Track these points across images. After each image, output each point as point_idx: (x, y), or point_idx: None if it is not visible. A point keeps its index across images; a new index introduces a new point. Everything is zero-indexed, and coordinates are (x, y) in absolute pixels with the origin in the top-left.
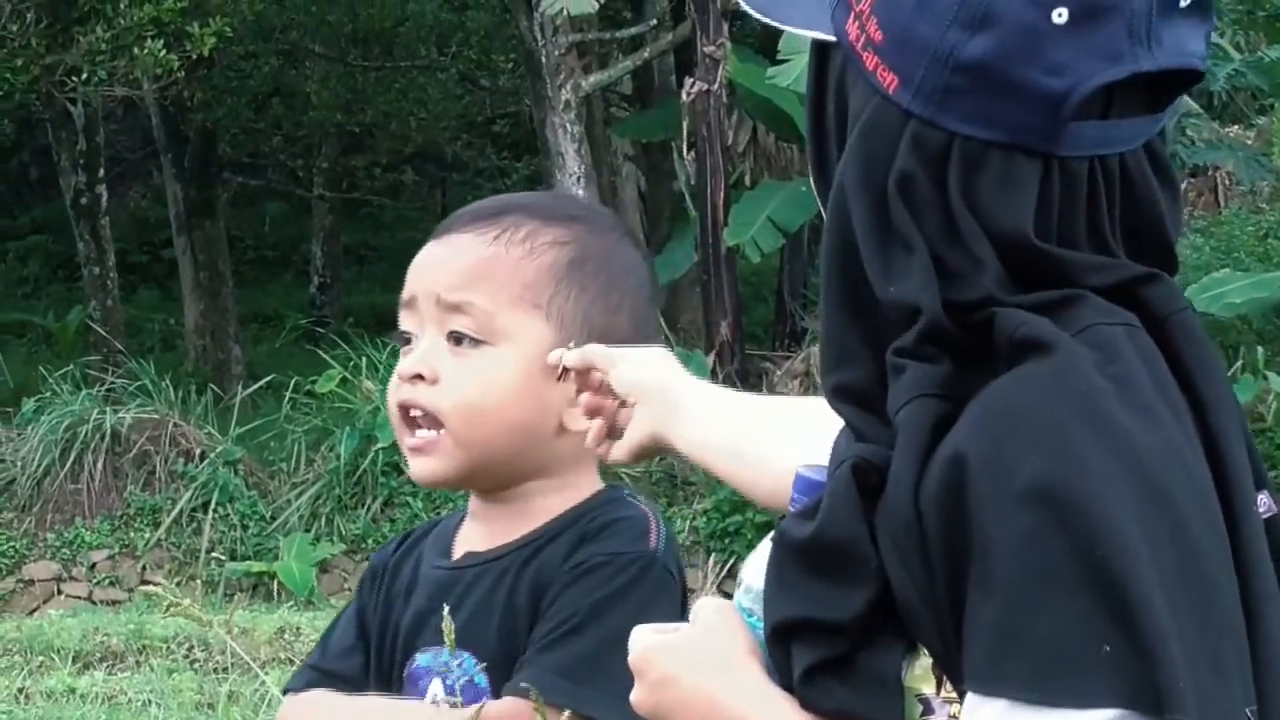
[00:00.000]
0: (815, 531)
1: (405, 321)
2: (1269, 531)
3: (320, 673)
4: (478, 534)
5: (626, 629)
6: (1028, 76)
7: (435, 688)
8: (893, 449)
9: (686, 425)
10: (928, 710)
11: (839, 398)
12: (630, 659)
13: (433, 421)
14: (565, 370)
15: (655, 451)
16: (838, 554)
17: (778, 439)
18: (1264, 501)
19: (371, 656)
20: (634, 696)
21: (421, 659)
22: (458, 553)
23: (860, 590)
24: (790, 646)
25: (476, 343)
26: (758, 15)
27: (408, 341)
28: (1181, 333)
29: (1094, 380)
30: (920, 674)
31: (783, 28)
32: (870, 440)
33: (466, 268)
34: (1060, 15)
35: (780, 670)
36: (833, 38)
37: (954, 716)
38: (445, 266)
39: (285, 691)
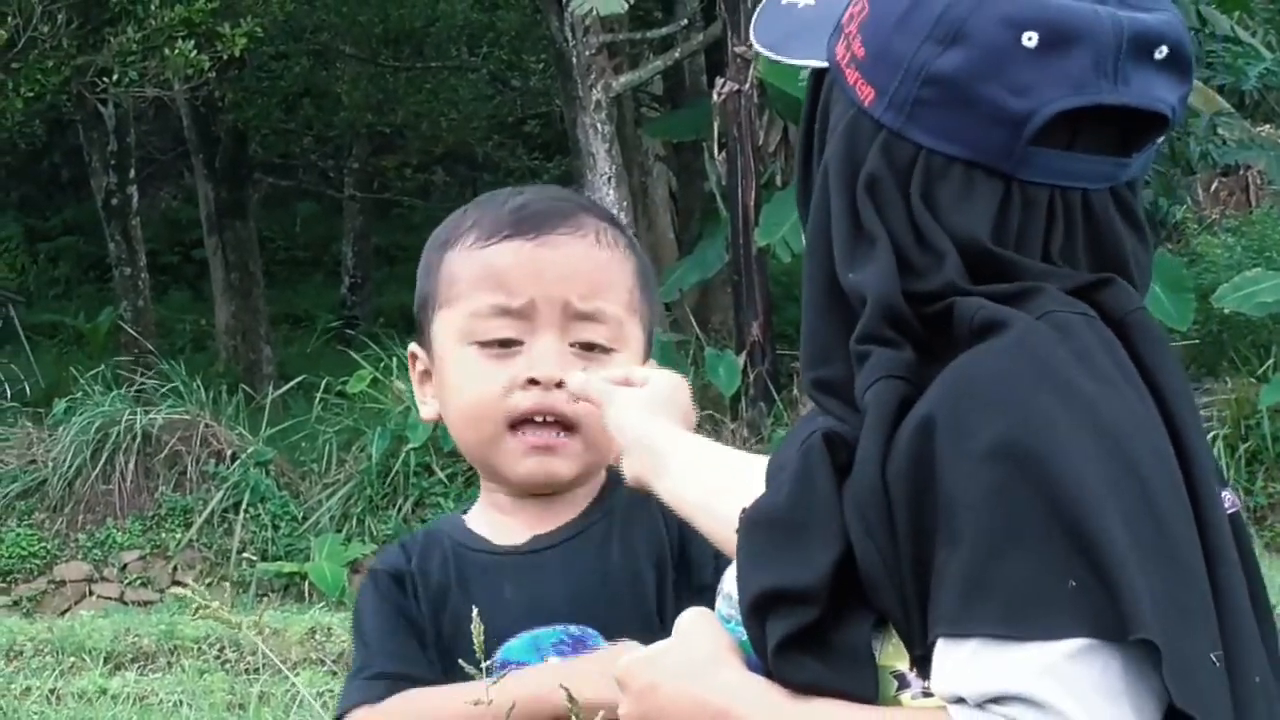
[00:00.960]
0: (784, 500)
1: (511, 329)
2: (1232, 526)
3: (394, 678)
4: (523, 520)
5: None
6: (993, 94)
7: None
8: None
9: (665, 479)
10: (903, 685)
11: (820, 390)
12: (615, 675)
13: (563, 428)
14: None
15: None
16: (805, 519)
17: (748, 497)
18: (1228, 498)
19: (431, 658)
20: (621, 711)
21: (516, 644)
22: (507, 540)
23: (826, 552)
24: (764, 621)
25: (605, 351)
26: (768, 54)
27: (505, 345)
28: (1138, 331)
29: (1054, 350)
30: (893, 650)
31: (789, 63)
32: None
33: (591, 273)
34: (1030, 39)
35: (757, 650)
36: (824, 63)
37: (929, 691)
38: (573, 273)
39: (353, 707)
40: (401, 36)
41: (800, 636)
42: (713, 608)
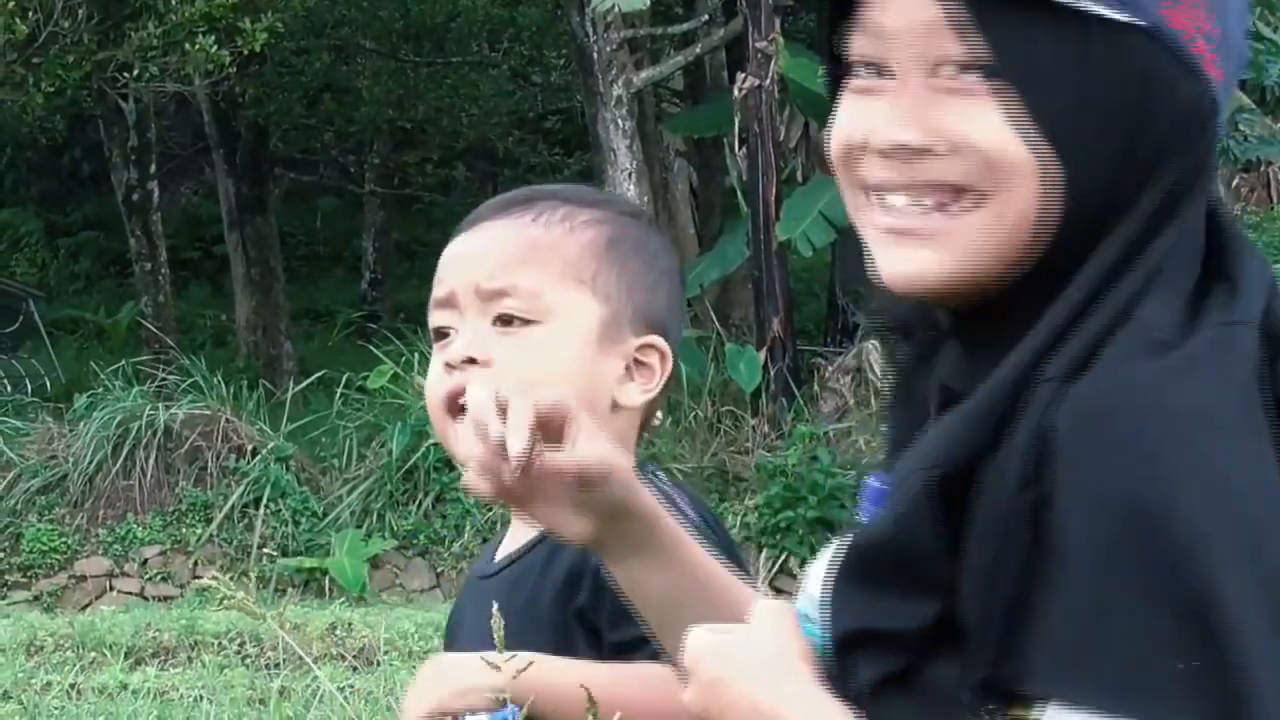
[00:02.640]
0: (886, 540)
1: (441, 319)
2: None
3: None
4: (515, 533)
5: None
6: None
7: None
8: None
9: (619, 566)
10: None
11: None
12: (685, 659)
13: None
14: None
15: None
16: (908, 563)
17: (701, 614)
18: None
19: None
20: (686, 696)
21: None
22: (499, 556)
23: (930, 601)
24: (856, 658)
25: (527, 322)
26: None
27: (444, 337)
28: None
29: (1212, 391)
30: None
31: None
32: None
33: (506, 252)
34: None
35: (842, 681)
36: (1126, 16)
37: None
38: (484, 254)
39: None
40: (422, 32)
41: (895, 677)
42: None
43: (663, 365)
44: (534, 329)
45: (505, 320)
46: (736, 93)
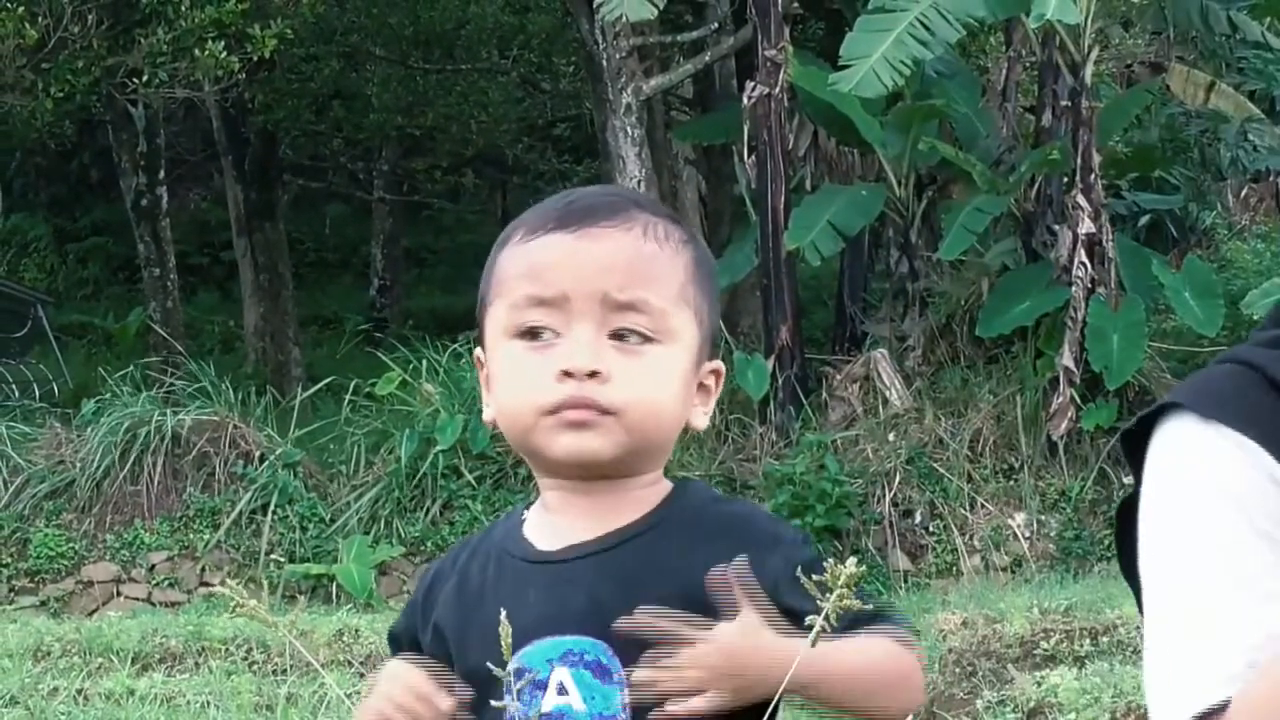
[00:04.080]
0: None
1: (541, 318)
2: None
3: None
4: (568, 525)
5: None
6: None
7: (560, 674)
8: None
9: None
10: None
11: None
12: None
13: (605, 412)
14: None
15: None
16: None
17: None
18: None
19: (456, 662)
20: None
21: (531, 651)
22: (547, 545)
23: None
24: None
25: (645, 340)
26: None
27: (534, 336)
28: None
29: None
30: None
31: None
32: None
33: (631, 264)
34: None
35: None
36: None
37: None
38: (608, 262)
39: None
40: (432, 39)
41: None
42: None
43: (718, 384)
44: (654, 348)
45: (620, 335)
46: (745, 101)
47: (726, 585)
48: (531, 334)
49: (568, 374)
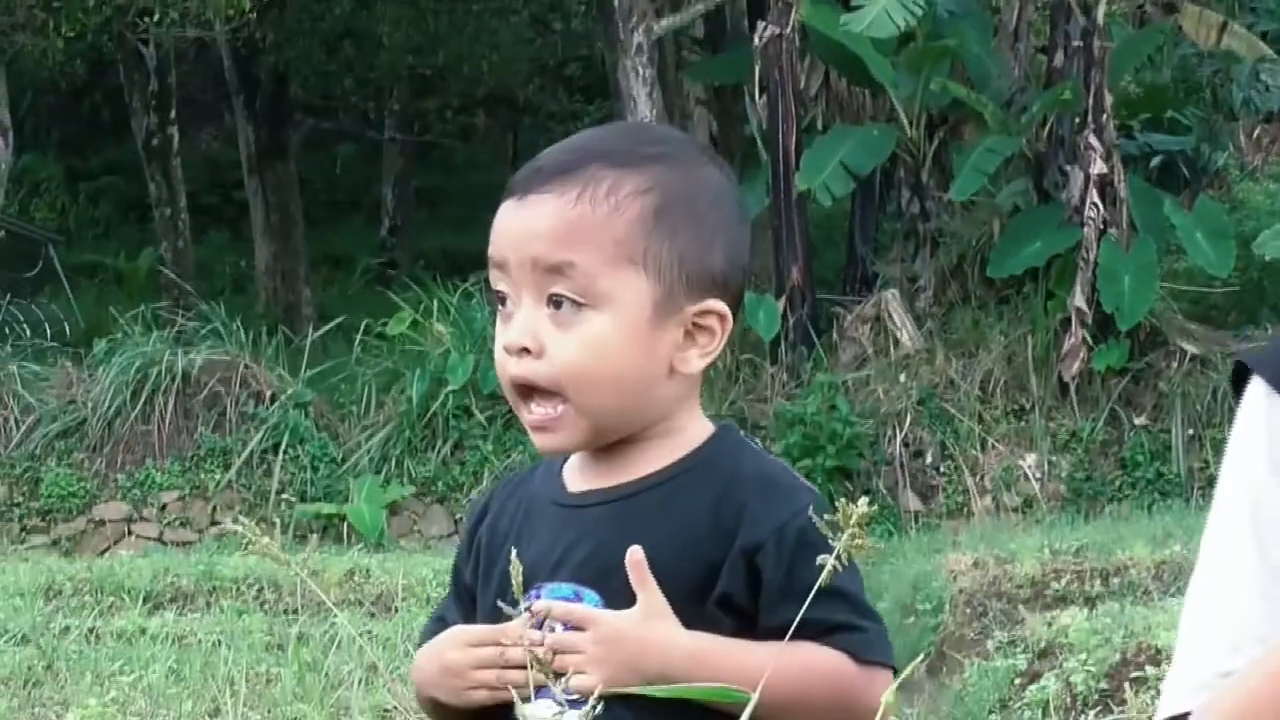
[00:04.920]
0: None
1: (498, 281)
2: None
3: (439, 622)
4: (594, 470)
5: (859, 576)
6: None
7: (545, 604)
8: None
9: None
10: None
11: None
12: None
13: (550, 395)
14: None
15: None
16: None
17: None
18: None
19: (479, 599)
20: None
21: (539, 594)
22: (576, 488)
23: None
24: None
25: (578, 306)
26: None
27: (503, 301)
28: None
29: None
30: None
31: None
32: None
33: (556, 230)
34: None
35: None
36: None
37: None
38: (533, 228)
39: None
40: None
41: None
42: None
43: (722, 325)
44: (587, 314)
45: (556, 303)
46: (757, 41)
47: (636, 570)
48: (501, 299)
49: (508, 351)
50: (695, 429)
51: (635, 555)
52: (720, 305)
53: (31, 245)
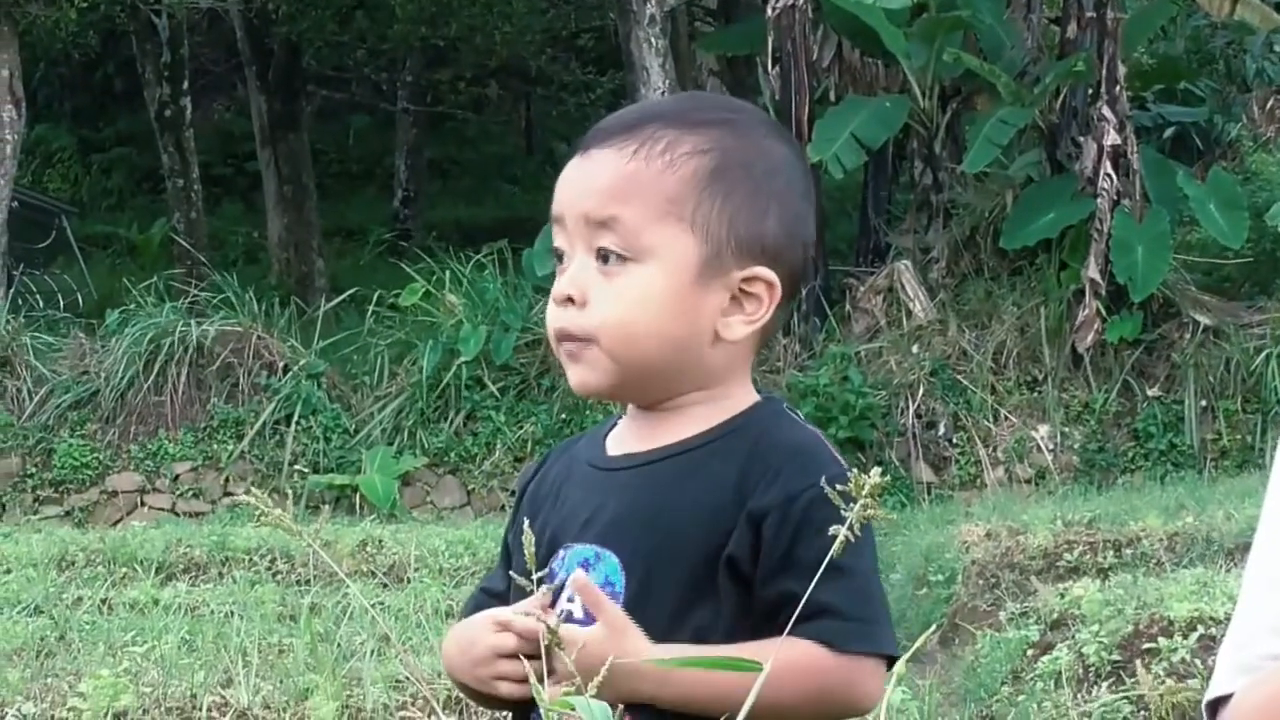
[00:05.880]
0: None
1: (556, 238)
2: None
3: (483, 593)
4: (634, 435)
5: (868, 555)
6: None
7: (579, 575)
8: None
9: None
10: None
11: None
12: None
13: (587, 343)
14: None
15: None
16: None
17: None
18: None
19: (514, 560)
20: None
21: (566, 556)
22: (611, 452)
23: None
24: None
25: (623, 260)
26: None
27: (559, 258)
28: None
29: None
30: None
31: None
32: None
33: (609, 185)
34: None
35: None
36: None
37: None
38: (589, 184)
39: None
40: None
41: None
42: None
43: (770, 294)
44: (631, 267)
45: (604, 256)
46: (770, 12)
47: (585, 593)
48: (559, 255)
49: (555, 301)
50: (740, 399)
51: (580, 579)
52: (768, 273)
53: (45, 216)
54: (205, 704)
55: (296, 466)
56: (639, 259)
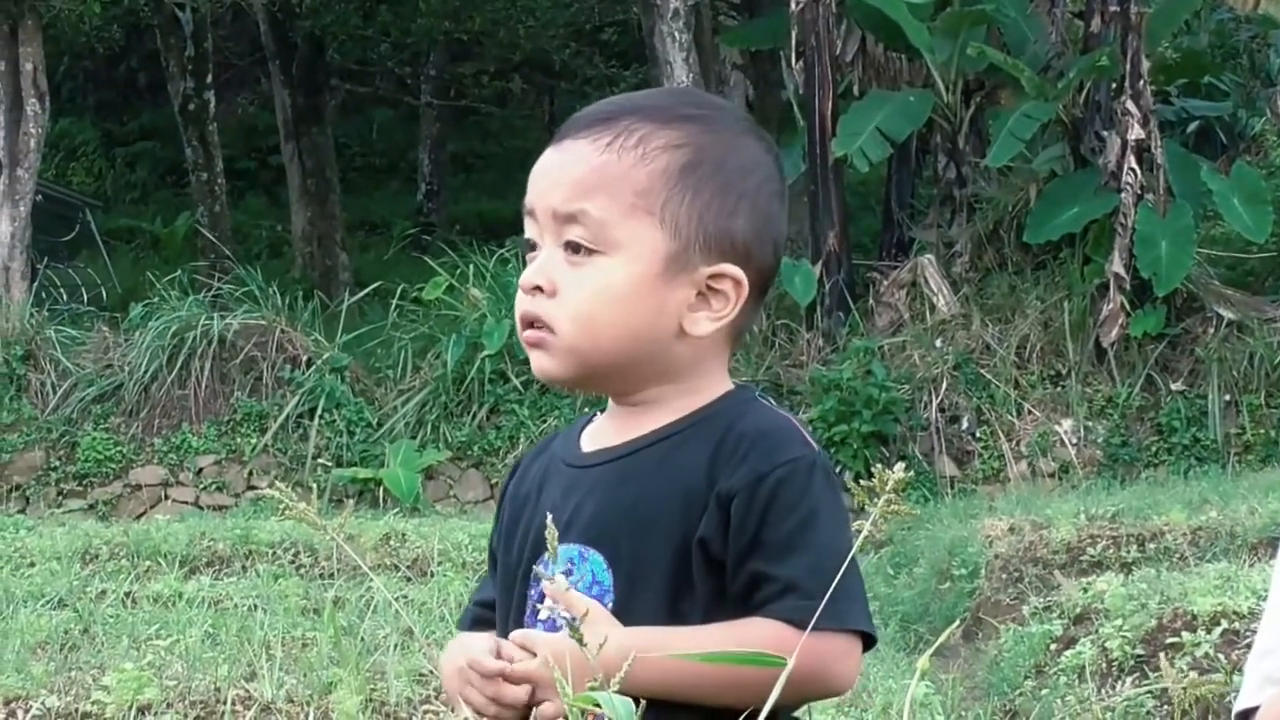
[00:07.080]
0: None
1: (528, 229)
2: None
3: (477, 606)
4: (607, 430)
5: (839, 535)
6: None
7: (561, 581)
8: None
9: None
10: None
11: None
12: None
13: (549, 331)
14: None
15: None
16: None
17: None
18: None
19: (500, 561)
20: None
21: (548, 557)
22: (586, 449)
23: None
24: None
25: (591, 252)
26: None
27: (532, 248)
28: None
29: None
30: None
31: None
32: None
33: (580, 177)
34: None
35: None
36: None
37: None
38: (560, 176)
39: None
40: None
41: None
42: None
43: (737, 292)
44: (599, 259)
45: (574, 248)
46: (794, 6)
47: (555, 594)
48: (531, 246)
49: (522, 289)
50: (710, 391)
51: (556, 582)
52: (736, 271)
53: (69, 210)
54: (229, 697)
55: (320, 460)
56: (606, 251)
